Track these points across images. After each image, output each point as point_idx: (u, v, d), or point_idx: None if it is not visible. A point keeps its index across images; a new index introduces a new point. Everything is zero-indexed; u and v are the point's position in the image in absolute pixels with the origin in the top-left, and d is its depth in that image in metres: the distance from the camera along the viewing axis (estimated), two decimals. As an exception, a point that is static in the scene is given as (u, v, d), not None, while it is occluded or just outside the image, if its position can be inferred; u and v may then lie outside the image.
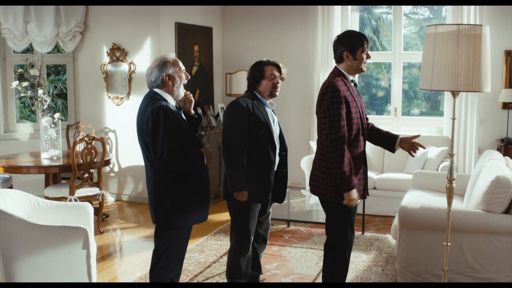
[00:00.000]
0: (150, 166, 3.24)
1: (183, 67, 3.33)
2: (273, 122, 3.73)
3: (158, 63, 3.26)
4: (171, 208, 3.24)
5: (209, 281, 4.27)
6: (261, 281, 4.15)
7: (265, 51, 7.62)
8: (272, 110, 3.80)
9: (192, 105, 3.45)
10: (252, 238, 3.77)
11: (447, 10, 6.83)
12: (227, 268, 3.83)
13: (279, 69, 3.68)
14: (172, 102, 3.28)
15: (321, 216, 5.35)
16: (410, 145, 3.48)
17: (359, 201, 3.65)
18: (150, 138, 3.11)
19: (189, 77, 3.38)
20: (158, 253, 3.33)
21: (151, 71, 3.28)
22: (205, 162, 3.28)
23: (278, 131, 3.77)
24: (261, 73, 3.64)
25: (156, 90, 3.26)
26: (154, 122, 3.09)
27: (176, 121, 3.17)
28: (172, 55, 3.32)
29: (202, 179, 3.34)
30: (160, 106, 3.12)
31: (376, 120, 6.83)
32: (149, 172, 3.28)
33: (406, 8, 7.47)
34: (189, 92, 3.43)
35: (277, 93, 3.70)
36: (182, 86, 3.33)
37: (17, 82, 5.72)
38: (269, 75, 3.64)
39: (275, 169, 3.74)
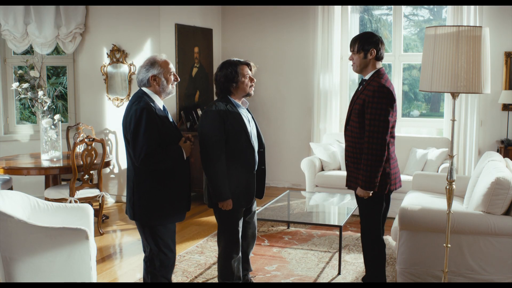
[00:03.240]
0: (132, 164, 3.27)
1: (172, 69, 3.34)
2: (249, 122, 3.69)
3: (147, 63, 3.30)
4: (150, 206, 3.26)
5: (209, 282, 4.27)
6: (251, 279, 4.16)
7: (265, 52, 7.64)
8: (247, 109, 3.77)
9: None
10: (240, 239, 3.78)
11: (447, 12, 6.84)
12: (219, 272, 3.81)
13: (250, 67, 3.67)
14: (159, 103, 3.31)
15: (321, 218, 5.36)
16: None
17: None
18: (131, 136, 3.15)
19: (178, 79, 3.38)
20: (151, 253, 3.35)
21: (139, 70, 3.32)
22: (184, 157, 3.30)
23: (255, 130, 3.75)
24: (237, 74, 3.59)
25: (145, 89, 3.30)
26: (136, 121, 3.13)
27: (160, 121, 3.20)
28: (163, 56, 3.34)
29: (182, 180, 3.34)
30: (144, 106, 3.15)
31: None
32: (131, 170, 3.31)
33: (406, 10, 7.48)
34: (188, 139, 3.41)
35: (253, 92, 3.69)
36: (170, 87, 3.32)
37: (17, 83, 5.72)
38: (245, 75, 3.61)
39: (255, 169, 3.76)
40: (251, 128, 3.70)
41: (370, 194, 3.56)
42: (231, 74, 3.58)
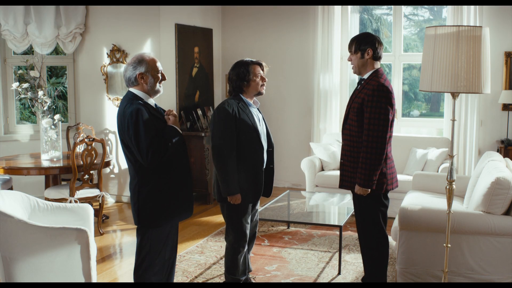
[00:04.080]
0: (133, 166, 3.23)
1: (160, 67, 3.29)
2: (259, 121, 3.77)
3: (134, 60, 3.25)
4: (155, 208, 3.24)
5: (209, 282, 4.27)
6: (252, 279, 4.19)
7: (265, 52, 7.64)
8: (258, 109, 3.84)
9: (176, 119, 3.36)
10: (248, 234, 3.84)
11: (447, 11, 6.84)
12: (225, 267, 3.89)
13: (262, 67, 3.75)
14: (150, 101, 3.28)
15: (321, 218, 5.36)
16: None
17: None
18: (133, 141, 3.10)
19: (166, 78, 3.35)
20: (142, 255, 3.33)
21: (126, 68, 3.26)
22: (179, 131, 3.28)
23: (264, 129, 3.82)
24: (249, 73, 3.67)
25: (133, 90, 3.25)
26: (134, 125, 3.09)
27: (155, 118, 3.18)
28: (150, 54, 3.30)
29: (185, 177, 3.33)
30: (138, 108, 3.11)
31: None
32: (132, 172, 3.27)
33: (406, 9, 7.48)
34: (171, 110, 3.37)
35: (264, 91, 3.76)
36: (157, 85, 3.27)
37: (17, 83, 5.72)
38: (257, 74, 3.69)
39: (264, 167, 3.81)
40: (261, 127, 3.78)
41: (369, 191, 3.57)
42: (243, 73, 3.67)
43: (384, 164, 3.60)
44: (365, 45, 3.60)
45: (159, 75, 3.27)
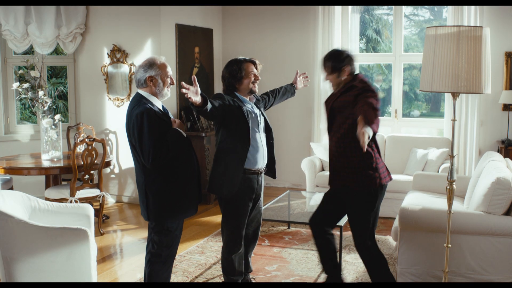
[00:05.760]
0: (140, 166, 3.33)
1: (170, 72, 3.38)
2: (255, 115, 3.72)
3: (146, 63, 3.35)
4: (163, 207, 3.34)
5: (209, 282, 4.27)
6: (252, 279, 4.18)
7: (266, 52, 7.64)
8: (254, 104, 3.82)
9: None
10: (243, 235, 3.81)
11: (447, 12, 6.84)
12: (222, 267, 3.88)
13: (256, 66, 3.74)
14: (158, 104, 3.36)
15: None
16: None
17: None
18: (137, 142, 3.21)
19: (174, 83, 3.42)
20: (152, 249, 3.43)
21: (138, 69, 3.37)
22: (184, 134, 3.33)
23: (263, 124, 3.81)
24: (241, 71, 3.66)
25: (142, 92, 3.34)
26: (139, 127, 3.18)
27: (160, 121, 3.25)
28: (162, 59, 3.38)
29: (189, 174, 3.40)
30: (144, 110, 3.20)
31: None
32: (139, 172, 3.36)
33: (407, 10, 7.48)
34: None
35: (257, 90, 3.75)
36: (165, 89, 3.37)
37: (17, 83, 5.73)
38: (249, 72, 3.68)
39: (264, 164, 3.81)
40: (258, 122, 3.75)
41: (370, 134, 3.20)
42: (235, 71, 3.67)
43: (374, 159, 3.46)
44: (341, 63, 3.54)
45: (168, 79, 3.37)
